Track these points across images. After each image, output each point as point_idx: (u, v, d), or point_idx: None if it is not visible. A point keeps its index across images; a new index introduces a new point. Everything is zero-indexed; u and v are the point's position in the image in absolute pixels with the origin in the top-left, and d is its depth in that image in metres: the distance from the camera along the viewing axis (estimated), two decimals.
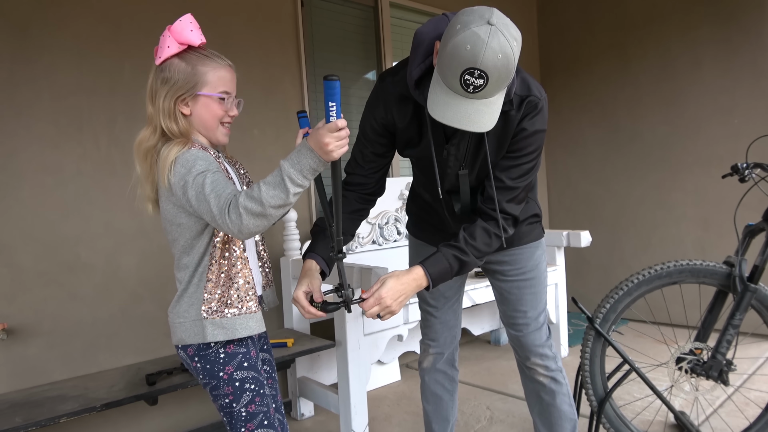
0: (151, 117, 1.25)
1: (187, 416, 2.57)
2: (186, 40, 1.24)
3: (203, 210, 1.14)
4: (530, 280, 1.68)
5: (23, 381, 2.16)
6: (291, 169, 1.09)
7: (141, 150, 1.26)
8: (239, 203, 1.08)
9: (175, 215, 1.24)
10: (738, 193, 2.34)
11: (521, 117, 1.38)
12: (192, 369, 1.29)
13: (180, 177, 1.16)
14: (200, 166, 1.16)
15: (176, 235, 1.26)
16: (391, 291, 1.33)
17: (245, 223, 1.09)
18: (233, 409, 1.26)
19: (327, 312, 1.35)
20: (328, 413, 2.79)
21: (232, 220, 1.09)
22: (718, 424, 2.39)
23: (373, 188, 1.58)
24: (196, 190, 1.14)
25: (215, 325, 1.23)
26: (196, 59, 1.24)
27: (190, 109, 1.25)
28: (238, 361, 1.26)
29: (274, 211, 1.09)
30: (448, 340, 1.82)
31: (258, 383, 1.28)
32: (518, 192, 1.45)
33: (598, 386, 2.08)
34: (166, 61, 1.23)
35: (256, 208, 1.08)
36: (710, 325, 2.12)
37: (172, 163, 1.17)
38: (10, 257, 2.16)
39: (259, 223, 1.10)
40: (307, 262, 1.43)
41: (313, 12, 3.21)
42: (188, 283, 1.25)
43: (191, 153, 1.19)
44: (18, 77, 2.18)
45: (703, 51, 3.72)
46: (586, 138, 4.39)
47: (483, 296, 2.94)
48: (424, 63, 1.32)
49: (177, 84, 1.22)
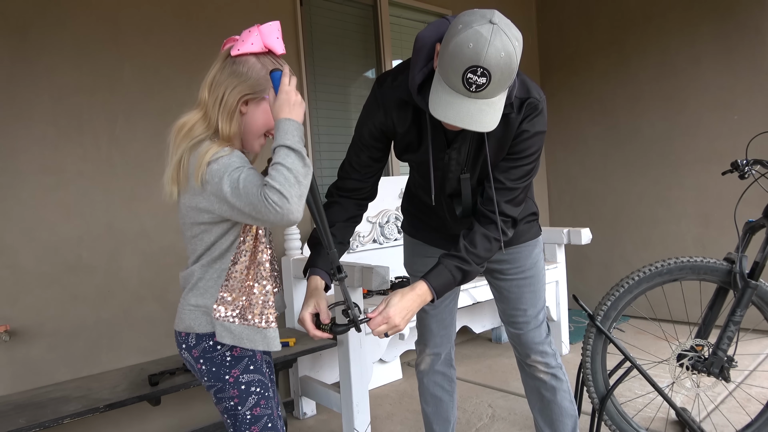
0: (204, 104, 1.22)
1: (190, 416, 2.58)
2: (270, 45, 1.23)
3: (241, 204, 1.11)
4: (529, 278, 1.69)
5: (26, 382, 2.16)
6: (286, 142, 1.10)
7: (182, 134, 1.21)
8: (272, 185, 1.07)
9: (199, 214, 1.20)
10: (738, 189, 2.34)
11: (522, 119, 1.38)
12: (196, 371, 1.28)
13: (215, 175, 1.13)
14: (236, 164, 1.15)
15: (197, 231, 1.22)
16: (397, 309, 1.34)
17: (287, 195, 1.07)
18: (238, 412, 1.25)
19: (335, 334, 1.35)
20: (331, 412, 2.79)
21: (274, 201, 1.07)
22: (720, 420, 2.39)
23: (368, 193, 1.57)
24: (232, 186, 1.11)
25: (224, 328, 1.21)
26: (271, 65, 1.23)
27: (248, 109, 1.24)
28: (244, 365, 1.25)
29: (303, 176, 1.10)
30: (444, 340, 1.82)
31: (263, 386, 1.27)
32: (518, 193, 1.45)
33: (599, 383, 2.09)
34: (242, 56, 1.21)
35: (288, 176, 1.08)
36: (711, 321, 2.13)
37: (209, 163, 1.15)
38: (11, 259, 2.16)
39: (300, 192, 1.09)
40: (311, 280, 1.42)
41: (312, 11, 3.21)
42: (204, 273, 1.23)
43: (227, 153, 1.17)
44: (18, 78, 2.18)
45: (702, 47, 3.72)
46: (586, 135, 4.40)
47: (484, 294, 2.94)
48: (426, 67, 1.31)
49: (248, 82, 1.21)
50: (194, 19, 2.66)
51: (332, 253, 1.31)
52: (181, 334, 1.28)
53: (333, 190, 1.56)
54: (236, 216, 1.15)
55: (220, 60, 1.24)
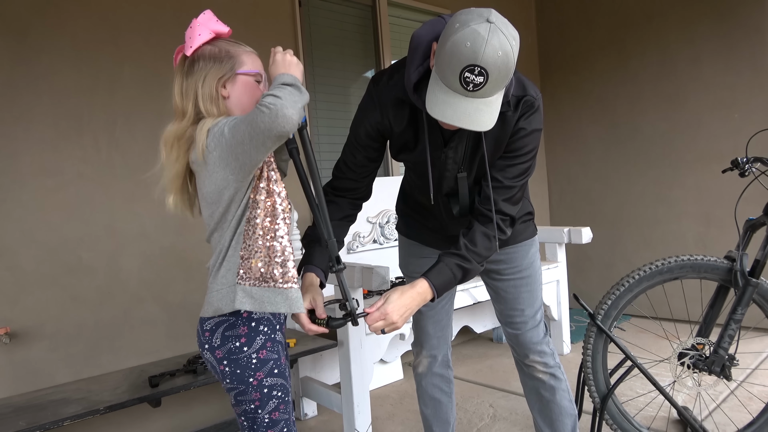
0: (182, 110, 1.23)
1: (190, 417, 2.58)
2: (215, 29, 1.25)
3: (240, 134, 1.10)
4: (526, 278, 1.68)
5: (26, 384, 2.17)
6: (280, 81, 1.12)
7: (170, 139, 1.22)
8: (265, 93, 1.08)
9: (214, 189, 1.19)
10: (738, 187, 2.33)
11: (518, 117, 1.38)
12: (218, 372, 1.25)
13: (216, 134, 1.15)
14: (233, 118, 1.17)
15: (215, 207, 1.21)
16: (396, 306, 1.33)
17: (280, 95, 1.07)
18: (257, 415, 1.24)
19: (332, 328, 1.33)
20: (332, 413, 2.79)
21: (267, 102, 1.06)
22: (721, 419, 2.39)
23: (363, 193, 1.57)
24: (232, 126, 1.13)
25: (245, 293, 1.18)
26: (226, 44, 1.25)
27: (228, 92, 1.24)
28: (269, 368, 1.23)
29: (298, 94, 1.10)
30: (441, 342, 1.81)
31: (284, 390, 1.26)
32: (515, 191, 1.45)
33: (600, 383, 2.08)
34: (198, 50, 1.23)
35: (282, 88, 1.08)
36: (712, 320, 2.12)
37: (208, 131, 1.16)
38: (11, 260, 2.16)
39: (294, 99, 1.08)
40: (307, 276, 1.42)
41: (311, 11, 3.21)
42: (227, 248, 1.21)
43: (222, 118, 1.19)
44: (17, 80, 2.19)
45: (702, 46, 3.72)
46: (586, 134, 4.39)
47: (484, 294, 2.94)
48: (422, 66, 1.30)
49: (215, 66, 1.22)
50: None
51: (332, 243, 1.30)
52: (206, 324, 1.24)
53: (328, 190, 1.55)
54: (243, 161, 1.13)
55: (178, 70, 1.26)
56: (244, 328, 1.22)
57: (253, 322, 1.23)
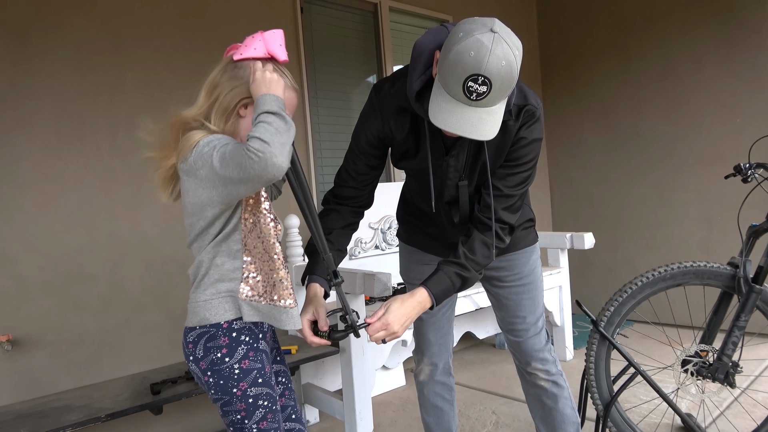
0: (201, 103, 1.23)
1: (192, 425, 2.57)
2: (273, 52, 1.24)
3: (230, 170, 1.10)
4: (527, 285, 1.68)
5: (28, 392, 2.16)
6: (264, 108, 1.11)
7: (176, 124, 1.23)
8: (252, 135, 1.07)
9: (197, 203, 1.19)
10: (741, 192, 2.33)
11: (519, 126, 1.38)
12: (203, 383, 1.26)
13: (206, 154, 1.15)
14: (225, 140, 1.16)
15: (196, 218, 1.22)
16: (396, 315, 1.34)
17: (268, 140, 1.05)
18: (244, 426, 1.23)
19: (334, 340, 1.34)
20: (334, 420, 2.78)
21: (255, 148, 1.05)
22: (725, 426, 2.37)
23: (364, 201, 1.57)
24: (221, 158, 1.12)
25: (251, 307, 1.21)
26: (272, 70, 1.24)
27: (246, 114, 1.24)
28: (252, 377, 1.23)
29: (284, 130, 1.09)
30: (442, 350, 1.80)
31: (271, 400, 1.26)
32: (515, 200, 1.45)
33: (603, 389, 2.07)
34: (244, 60, 1.22)
35: (268, 127, 1.07)
36: (715, 326, 2.11)
37: (196, 143, 1.16)
38: (14, 268, 2.16)
39: (282, 140, 1.07)
40: (310, 287, 1.42)
41: (312, 17, 3.21)
42: (212, 259, 1.22)
43: (215, 135, 1.19)
44: (19, 86, 2.19)
45: (703, 49, 3.72)
46: (588, 138, 4.39)
47: (486, 300, 2.93)
48: (425, 75, 1.30)
49: (247, 85, 1.21)
50: (195, 26, 2.67)
51: (327, 258, 1.31)
52: (189, 336, 1.24)
53: (329, 198, 1.55)
54: (230, 190, 1.14)
55: (221, 64, 1.25)
56: (225, 339, 1.22)
57: (234, 332, 1.23)
